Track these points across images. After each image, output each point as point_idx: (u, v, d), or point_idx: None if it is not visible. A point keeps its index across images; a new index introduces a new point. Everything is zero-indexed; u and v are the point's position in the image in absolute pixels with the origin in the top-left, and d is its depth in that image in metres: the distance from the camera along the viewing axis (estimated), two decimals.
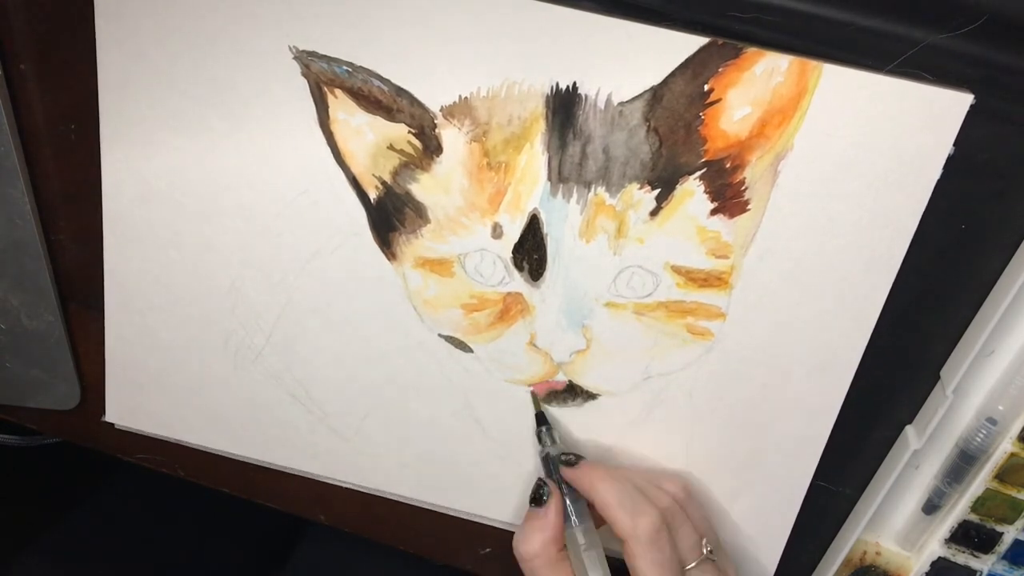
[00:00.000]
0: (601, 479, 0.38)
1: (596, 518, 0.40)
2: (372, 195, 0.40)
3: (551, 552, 0.38)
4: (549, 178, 0.38)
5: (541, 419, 0.42)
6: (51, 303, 0.46)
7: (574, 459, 0.40)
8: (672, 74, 0.35)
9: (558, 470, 0.40)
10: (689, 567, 0.38)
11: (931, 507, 0.42)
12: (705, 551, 0.38)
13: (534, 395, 0.43)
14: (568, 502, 0.39)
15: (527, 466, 0.45)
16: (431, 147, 0.38)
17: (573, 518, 0.39)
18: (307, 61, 0.37)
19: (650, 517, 0.37)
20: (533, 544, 0.38)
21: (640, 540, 0.36)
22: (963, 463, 0.41)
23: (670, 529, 0.37)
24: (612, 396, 0.42)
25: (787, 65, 0.34)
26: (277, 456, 0.48)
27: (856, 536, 0.43)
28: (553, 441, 0.42)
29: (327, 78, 0.38)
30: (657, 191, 0.37)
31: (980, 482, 0.40)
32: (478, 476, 0.46)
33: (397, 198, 0.39)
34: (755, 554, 0.45)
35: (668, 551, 0.37)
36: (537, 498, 0.40)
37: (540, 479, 0.41)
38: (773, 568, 0.46)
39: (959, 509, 0.42)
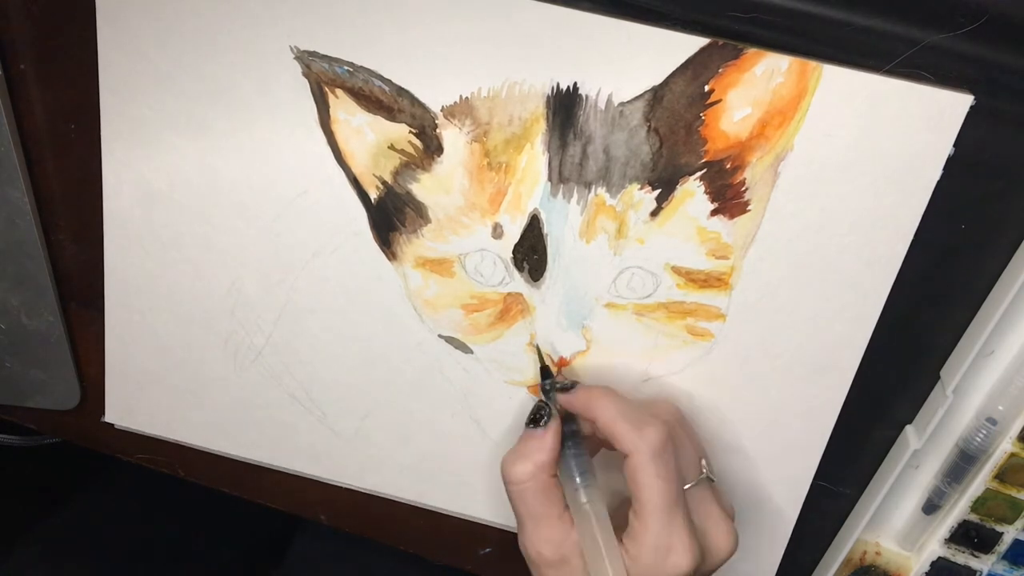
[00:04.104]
0: (600, 396, 0.37)
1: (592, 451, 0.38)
2: (373, 195, 0.40)
3: (543, 478, 0.36)
4: (549, 178, 0.38)
5: (546, 373, 0.41)
6: (51, 303, 0.46)
7: (570, 384, 0.39)
8: (672, 74, 0.35)
9: (555, 399, 0.39)
10: (688, 486, 0.36)
11: (931, 507, 0.43)
12: (704, 471, 0.37)
13: (538, 348, 0.41)
14: (573, 463, 0.37)
15: None
16: (432, 147, 0.38)
17: (578, 479, 0.37)
18: (308, 61, 0.37)
19: (656, 428, 0.35)
20: (525, 466, 0.36)
21: (645, 452, 0.34)
22: (963, 463, 0.41)
23: (674, 444, 0.36)
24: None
25: (787, 66, 0.34)
26: (277, 456, 0.48)
27: (856, 536, 0.43)
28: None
29: (328, 78, 0.38)
30: (657, 191, 0.37)
31: (980, 482, 0.40)
32: (478, 476, 0.46)
33: (398, 198, 0.40)
34: (755, 554, 0.45)
35: (673, 465, 0.35)
36: (536, 419, 0.37)
37: (540, 401, 0.39)
38: (774, 568, 0.46)
39: (959, 509, 0.42)
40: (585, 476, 0.37)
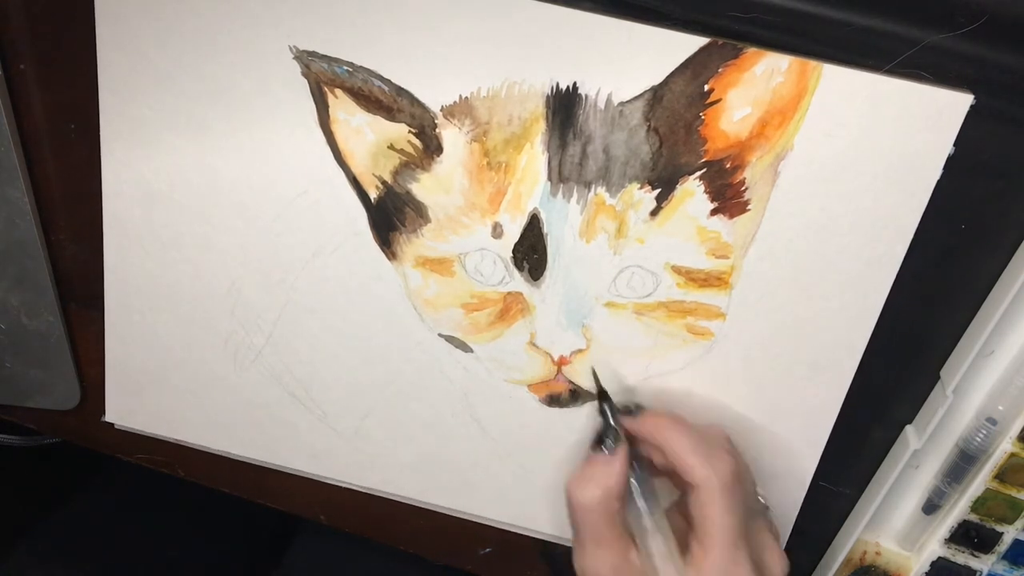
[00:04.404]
0: (669, 426, 0.36)
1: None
2: (372, 195, 0.40)
3: (612, 505, 0.35)
4: (549, 178, 0.38)
5: (605, 395, 0.40)
6: (51, 303, 0.46)
7: (634, 407, 0.38)
8: (672, 74, 0.35)
9: (618, 420, 0.38)
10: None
11: (931, 507, 0.43)
12: (762, 500, 0.37)
13: (594, 371, 0.41)
14: (637, 486, 0.37)
15: (527, 466, 0.45)
16: (431, 147, 0.38)
17: (640, 501, 0.36)
18: (307, 61, 0.37)
19: (727, 464, 0.35)
20: (594, 492, 0.35)
21: (717, 487, 0.34)
22: (963, 463, 0.41)
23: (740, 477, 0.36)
24: (612, 396, 0.42)
25: (787, 65, 0.34)
26: (277, 456, 0.48)
27: (856, 536, 0.43)
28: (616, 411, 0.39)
29: (327, 78, 0.38)
30: (657, 191, 0.37)
31: (980, 482, 0.40)
32: (478, 476, 0.46)
33: (397, 198, 0.40)
34: None
35: (741, 499, 0.35)
36: (601, 442, 0.37)
37: (608, 423, 0.38)
38: None
39: (959, 509, 0.42)
40: (650, 501, 0.37)
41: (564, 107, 0.36)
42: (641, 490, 0.37)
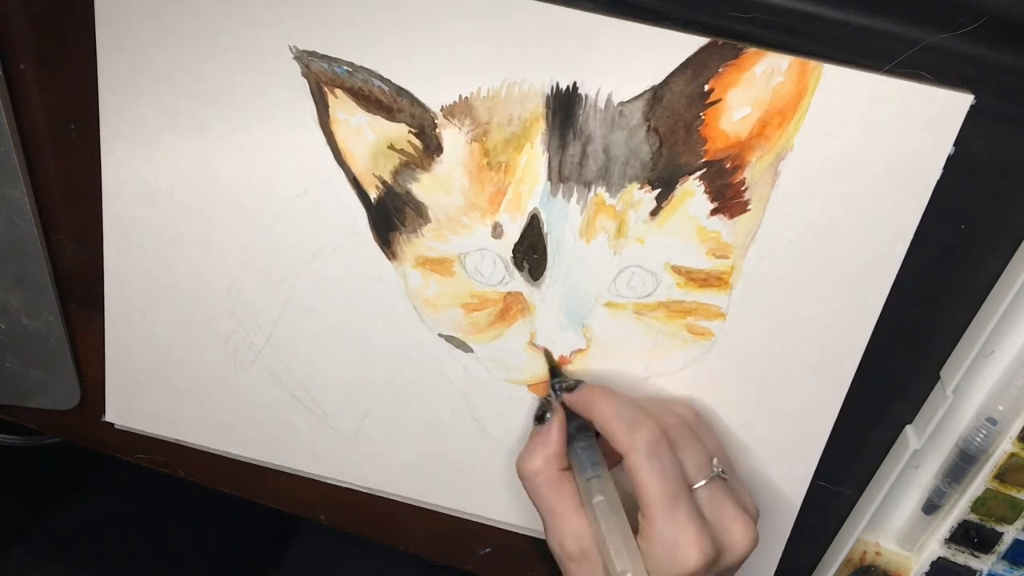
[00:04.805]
0: (599, 396, 0.38)
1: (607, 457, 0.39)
2: (372, 195, 0.40)
3: (552, 469, 0.38)
4: (549, 178, 0.38)
5: (555, 372, 0.42)
6: (51, 303, 0.46)
7: (574, 384, 0.40)
8: (672, 74, 0.35)
9: (560, 397, 0.40)
10: (698, 485, 0.36)
11: (931, 507, 0.43)
12: (715, 470, 0.37)
13: (546, 351, 0.42)
14: (584, 456, 0.38)
15: None
16: (431, 147, 0.38)
17: (588, 471, 0.38)
18: (307, 61, 0.37)
19: (648, 428, 0.36)
20: (535, 461, 0.38)
21: (638, 451, 0.35)
22: (963, 463, 0.41)
23: (673, 444, 0.36)
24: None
25: (787, 65, 0.34)
26: (277, 456, 0.48)
27: (856, 536, 0.43)
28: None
29: (327, 78, 0.38)
30: (657, 191, 0.37)
31: (980, 482, 0.40)
32: (478, 476, 0.46)
33: (397, 198, 0.40)
34: (755, 554, 0.45)
35: (668, 462, 0.35)
36: (540, 416, 0.39)
37: (543, 398, 0.41)
38: (773, 568, 0.46)
39: (959, 509, 0.42)
40: (596, 467, 0.38)
41: (564, 107, 0.36)
42: (589, 461, 0.38)
